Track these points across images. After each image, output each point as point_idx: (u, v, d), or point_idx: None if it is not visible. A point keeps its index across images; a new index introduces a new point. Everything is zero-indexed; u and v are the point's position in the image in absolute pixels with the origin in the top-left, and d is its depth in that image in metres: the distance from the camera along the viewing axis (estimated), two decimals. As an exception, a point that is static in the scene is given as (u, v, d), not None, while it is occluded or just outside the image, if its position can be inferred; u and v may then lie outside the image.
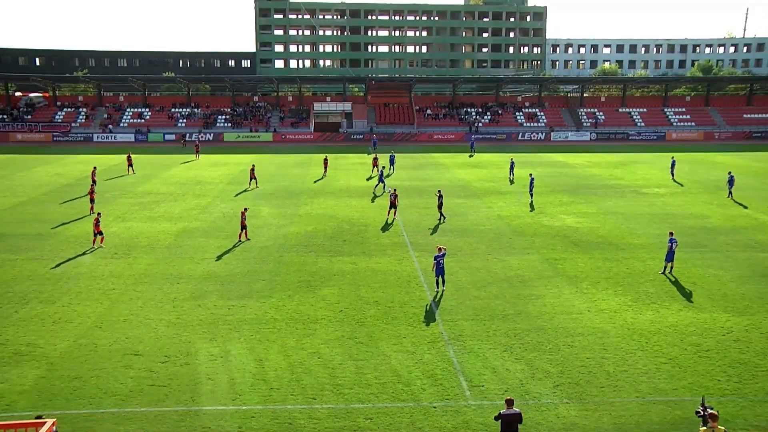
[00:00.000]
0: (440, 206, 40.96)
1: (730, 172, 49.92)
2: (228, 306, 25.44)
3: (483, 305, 25.58)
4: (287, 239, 35.97)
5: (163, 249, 33.98)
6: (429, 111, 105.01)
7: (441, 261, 26.86)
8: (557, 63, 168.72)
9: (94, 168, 54.76)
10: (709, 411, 14.07)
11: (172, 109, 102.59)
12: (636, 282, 28.53)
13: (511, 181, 56.43)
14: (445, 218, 40.89)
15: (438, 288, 27.29)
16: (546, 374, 19.70)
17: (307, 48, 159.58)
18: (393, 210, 41.33)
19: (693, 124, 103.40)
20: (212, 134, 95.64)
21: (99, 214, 35.40)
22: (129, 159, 61.08)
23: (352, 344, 21.89)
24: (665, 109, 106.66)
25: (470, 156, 76.55)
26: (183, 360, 20.63)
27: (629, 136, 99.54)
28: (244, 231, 35.71)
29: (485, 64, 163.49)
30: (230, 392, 18.63)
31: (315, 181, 56.42)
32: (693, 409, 14.79)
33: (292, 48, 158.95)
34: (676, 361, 20.65)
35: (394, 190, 43.02)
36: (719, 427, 13.86)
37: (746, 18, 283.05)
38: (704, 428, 13.94)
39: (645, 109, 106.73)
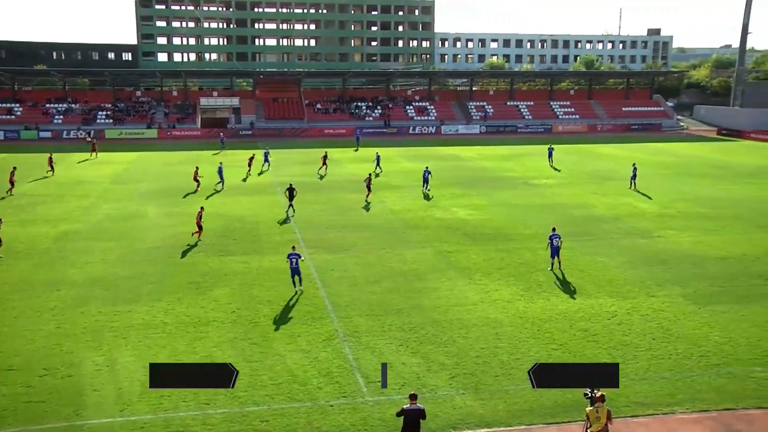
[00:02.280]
0: (291, 198, 41.46)
1: (634, 164, 52.53)
2: (114, 312, 24.49)
3: (378, 300, 25.80)
4: (176, 240, 35.01)
5: (41, 254, 32.29)
6: (319, 105, 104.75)
7: (294, 261, 26.23)
8: (446, 57, 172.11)
9: (14, 168, 49.90)
10: (596, 393, 14.81)
11: (47, 105, 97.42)
12: (527, 272, 29.56)
13: (377, 175, 57.37)
14: (294, 211, 41.48)
15: (296, 287, 26.68)
16: (442, 366, 20.11)
17: (192, 41, 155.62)
18: (368, 192, 46.09)
19: (577, 117, 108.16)
20: (92, 131, 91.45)
21: (0, 220, 33.27)
22: (50, 159, 57.93)
23: (245, 345, 21.58)
24: (551, 103, 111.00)
25: (356, 150, 76.94)
26: (64, 372, 19.68)
27: (518, 129, 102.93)
28: (200, 231, 34.76)
29: (375, 58, 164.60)
30: (118, 403, 17.95)
31: (243, 180, 55.67)
32: (582, 392, 15.51)
33: (176, 41, 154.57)
34: (567, 346, 21.57)
35: (369, 174, 48.37)
36: (604, 406, 14.63)
37: (620, 17, 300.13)
38: (590, 408, 14.69)
39: (532, 103, 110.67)
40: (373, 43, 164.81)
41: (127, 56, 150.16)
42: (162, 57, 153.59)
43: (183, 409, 17.63)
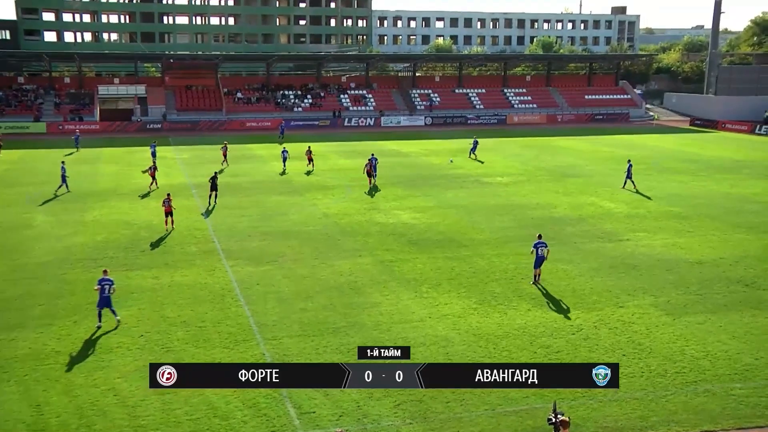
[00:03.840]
0: (214, 188, 44.89)
1: (629, 161, 53.25)
2: (-6, 339, 23.80)
3: (311, 318, 25.71)
4: (71, 253, 34.23)
5: None
6: (240, 94, 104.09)
7: (105, 287, 24.77)
8: (385, 38, 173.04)
9: None
10: (560, 417, 15.02)
11: None
12: (481, 282, 29.87)
13: (283, 172, 58.08)
14: (211, 203, 44.77)
15: (100, 321, 24.87)
16: (385, 393, 20.08)
17: (87, 18, 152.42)
18: (371, 179, 51.18)
19: (535, 106, 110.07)
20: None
21: None
22: None
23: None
24: (505, 90, 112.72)
25: (280, 144, 76.43)
26: (-65, 412, 19.02)
27: (468, 120, 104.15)
28: (170, 218, 38.41)
29: (303, 40, 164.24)
30: (0, 447, 17.46)
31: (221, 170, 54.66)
32: (545, 416, 15.73)
33: (67, 17, 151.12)
34: (526, 366, 21.83)
35: (372, 155, 53.31)
36: (570, 434, 14.85)
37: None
38: (555, 437, 14.88)
39: (483, 90, 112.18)
40: (302, 22, 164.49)
41: (5, 34, 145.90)
42: (50, 36, 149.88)
43: (81, 452, 17.23)
